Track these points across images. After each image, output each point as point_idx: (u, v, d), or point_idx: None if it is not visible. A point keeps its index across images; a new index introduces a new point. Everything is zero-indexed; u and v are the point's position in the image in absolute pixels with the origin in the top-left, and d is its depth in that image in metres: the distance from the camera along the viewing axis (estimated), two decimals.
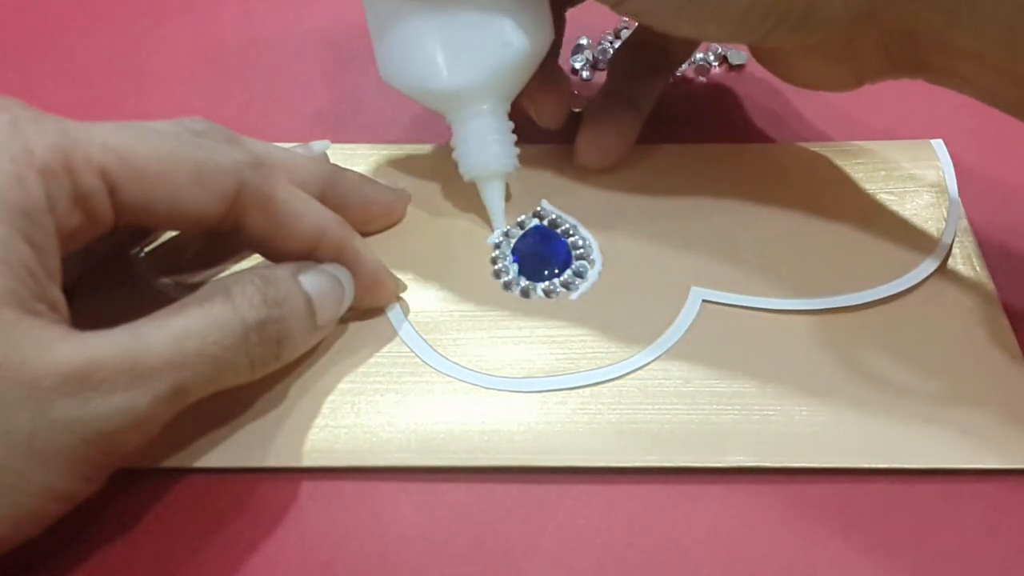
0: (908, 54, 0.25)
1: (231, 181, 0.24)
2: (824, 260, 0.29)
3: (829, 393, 0.26)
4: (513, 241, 0.30)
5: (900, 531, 0.24)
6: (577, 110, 0.35)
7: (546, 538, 0.24)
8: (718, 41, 0.28)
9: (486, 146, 0.29)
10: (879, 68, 0.27)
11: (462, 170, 0.30)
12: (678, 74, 0.37)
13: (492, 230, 0.30)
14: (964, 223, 0.31)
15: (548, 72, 0.30)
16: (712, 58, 0.38)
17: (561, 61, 0.32)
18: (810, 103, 0.36)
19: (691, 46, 0.34)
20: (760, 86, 0.37)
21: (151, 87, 0.37)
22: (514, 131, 0.30)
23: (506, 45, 0.28)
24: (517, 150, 0.30)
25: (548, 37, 0.29)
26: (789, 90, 0.36)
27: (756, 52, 0.30)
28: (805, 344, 0.27)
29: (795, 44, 0.26)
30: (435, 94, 0.28)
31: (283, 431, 0.25)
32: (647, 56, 0.33)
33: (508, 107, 0.30)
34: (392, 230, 0.31)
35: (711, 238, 0.30)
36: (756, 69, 0.38)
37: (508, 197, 0.31)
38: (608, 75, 0.33)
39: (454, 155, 0.30)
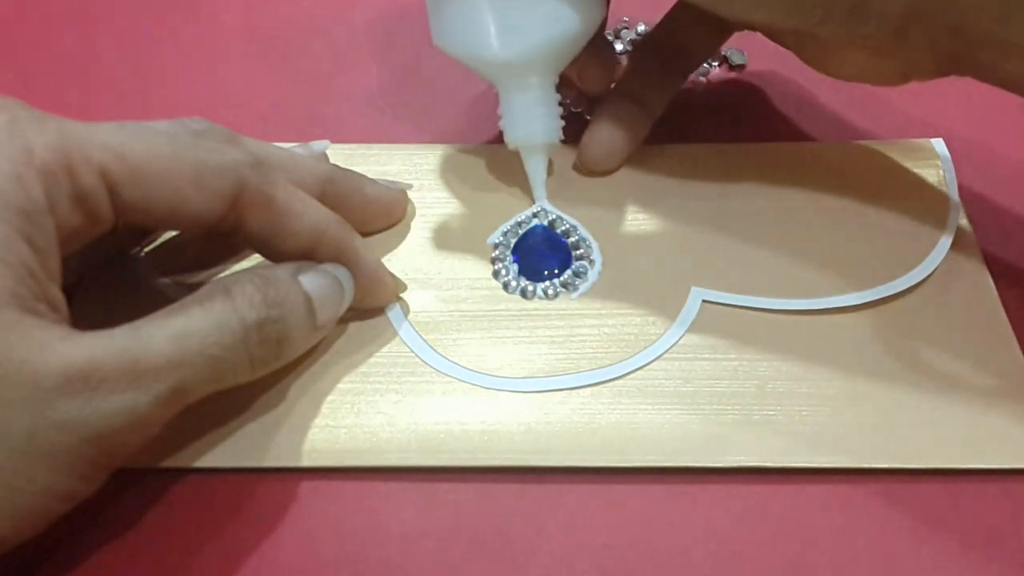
0: (957, 52, 0.25)
1: (231, 181, 0.24)
2: (824, 260, 0.29)
3: (829, 393, 0.26)
4: (513, 241, 0.30)
5: (900, 531, 0.24)
6: (578, 110, 0.35)
7: (546, 538, 0.24)
8: (768, 26, 0.28)
9: (533, 118, 0.30)
10: (927, 65, 0.26)
11: (507, 139, 0.30)
12: None
13: (533, 201, 0.31)
14: (964, 223, 0.31)
15: (594, 40, 0.30)
16: (712, 58, 0.38)
17: None
18: (810, 103, 0.36)
19: (711, 46, 0.34)
20: (760, 86, 0.37)
21: (151, 87, 0.37)
22: (561, 103, 0.30)
23: (559, 20, 0.28)
24: (562, 123, 0.30)
25: (600, 14, 0.29)
26: (789, 90, 0.36)
27: (797, 44, 0.29)
28: (805, 344, 0.27)
29: (845, 34, 0.26)
30: (486, 64, 0.29)
31: (283, 431, 0.25)
32: (664, 56, 0.33)
33: (556, 80, 0.30)
34: (392, 230, 0.31)
35: (711, 238, 0.30)
36: (756, 69, 0.38)
37: (550, 172, 0.31)
38: (623, 74, 0.33)
39: (500, 124, 0.30)
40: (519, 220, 0.31)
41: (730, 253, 0.30)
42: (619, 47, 0.38)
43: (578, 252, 0.30)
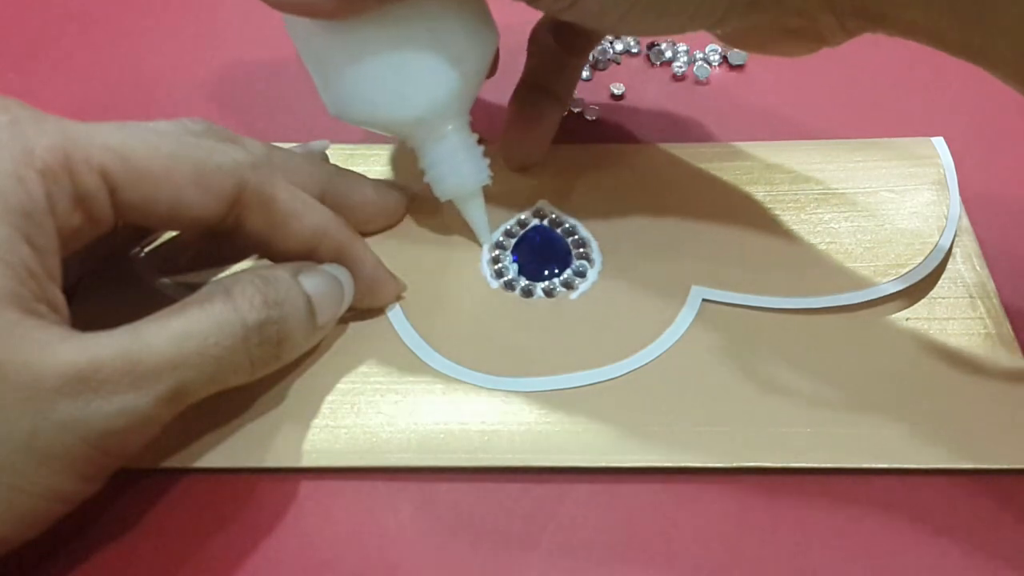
0: (857, 8, 0.24)
1: (231, 181, 0.24)
2: (824, 259, 0.29)
3: (829, 392, 0.26)
4: (513, 241, 0.30)
5: (900, 531, 0.24)
6: (577, 111, 0.35)
7: (546, 538, 0.24)
8: (668, 35, 0.27)
9: (458, 166, 0.28)
10: (834, 30, 0.25)
11: (438, 193, 0.29)
12: (678, 74, 0.37)
13: (481, 245, 0.30)
14: (965, 222, 0.31)
15: (523, 103, 0.30)
16: (712, 58, 0.38)
17: None
18: (810, 102, 0.36)
19: None
20: (760, 86, 0.37)
21: (151, 87, 0.37)
22: (480, 141, 0.29)
23: (459, 60, 0.26)
24: (488, 160, 0.29)
25: (495, 36, 0.28)
26: (789, 90, 0.36)
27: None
28: (805, 343, 0.27)
29: (749, 24, 0.25)
30: (400, 125, 0.28)
31: (283, 431, 0.25)
32: (562, 38, 0.32)
33: (469, 117, 0.29)
34: (392, 230, 0.31)
35: (711, 238, 0.30)
36: (756, 69, 0.38)
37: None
38: (528, 61, 0.32)
39: (425, 179, 0.29)
40: (519, 219, 0.31)
41: (730, 253, 0.29)
42: (619, 47, 0.38)
43: (578, 252, 0.30)
